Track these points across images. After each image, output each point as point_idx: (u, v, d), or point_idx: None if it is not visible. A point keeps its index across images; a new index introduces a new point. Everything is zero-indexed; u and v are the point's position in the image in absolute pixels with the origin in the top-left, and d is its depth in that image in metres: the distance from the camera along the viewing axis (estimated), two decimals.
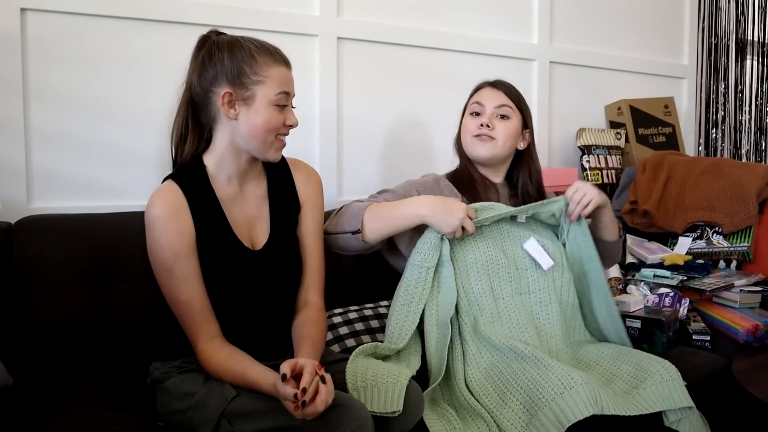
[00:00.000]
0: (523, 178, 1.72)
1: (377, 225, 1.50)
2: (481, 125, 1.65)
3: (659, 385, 1.38)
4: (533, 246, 1.56)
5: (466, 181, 1.69)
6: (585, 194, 1.55)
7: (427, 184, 1.67)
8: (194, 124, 1.40)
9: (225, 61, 1.32)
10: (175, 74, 1.43)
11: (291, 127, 1.38)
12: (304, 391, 1.09)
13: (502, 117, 1.66)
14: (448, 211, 1.47)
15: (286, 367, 1.13)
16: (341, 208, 1.59)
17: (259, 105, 1.32)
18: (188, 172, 1.38)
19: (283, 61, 1.36)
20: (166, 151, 1.45)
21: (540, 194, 1.72)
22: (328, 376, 1.14)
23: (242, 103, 1.32)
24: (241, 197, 1.42)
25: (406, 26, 2.28)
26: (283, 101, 1.34)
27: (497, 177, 1.72)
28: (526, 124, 1.71)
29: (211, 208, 1.36)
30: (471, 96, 1.75)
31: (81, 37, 1.78)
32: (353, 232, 1.50)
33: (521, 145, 1.71)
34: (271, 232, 1.43)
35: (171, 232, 1.30)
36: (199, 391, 1.26)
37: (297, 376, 1.13)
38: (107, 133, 1.81)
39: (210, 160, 1.39)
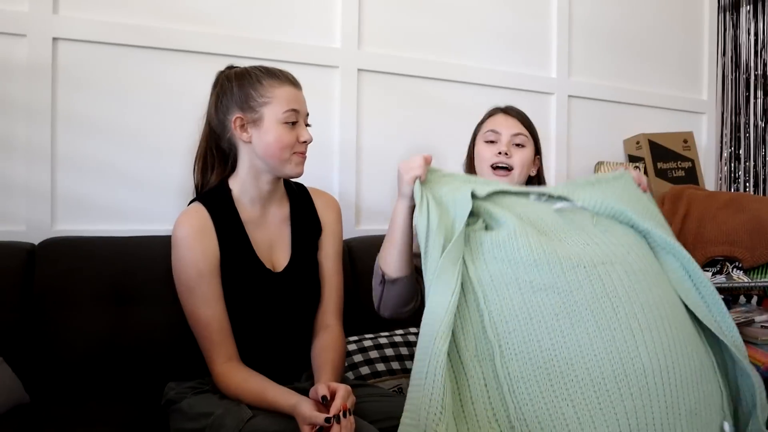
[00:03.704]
0: None
1: (387, 251, 1.42)
2: (499, 153, 1.61)
3: None
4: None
5: None
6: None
7: None
8: (218, 152, 1.46)
9: (234, 90, 1.38)
10: (198, 103, 1.47)
11: (306, 143, 1.40)
12: (336, 418, 1.12)
13: (518, 146, 1.63)
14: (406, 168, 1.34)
15: (324, 389, 1.18)
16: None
17: (269, 125, 1.36)
18: (214, 194, 1.42)
19: (289, 81, 1.40)
20: (186, 178, 1.48)
21: None
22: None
23: (252, 125, 1.37)
24: (263, 220, 1.45)
25: (425, 59, 2.32)
26: (293, 118, 1.38)
27: None
28: (538, 150, 1.70)
29: (236, 230, 1.40)
30: (483, 122, 1.71)
31: (108, 66, 1.83)
32: (380, 281, 1.44)
33: (533, 172, 1.70)
34: (292, 255, 1.45)
35: (196, 251, 1.34)
36: (215, 412, 1.26)
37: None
38: (130, 159, 1.86)
39: (234, 183, 1.44)
